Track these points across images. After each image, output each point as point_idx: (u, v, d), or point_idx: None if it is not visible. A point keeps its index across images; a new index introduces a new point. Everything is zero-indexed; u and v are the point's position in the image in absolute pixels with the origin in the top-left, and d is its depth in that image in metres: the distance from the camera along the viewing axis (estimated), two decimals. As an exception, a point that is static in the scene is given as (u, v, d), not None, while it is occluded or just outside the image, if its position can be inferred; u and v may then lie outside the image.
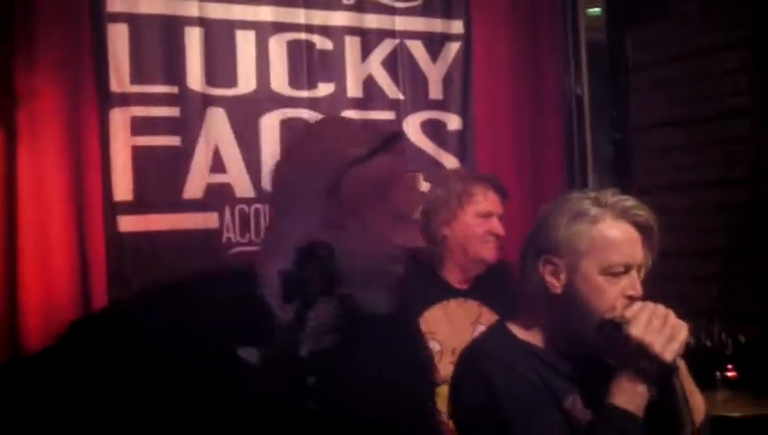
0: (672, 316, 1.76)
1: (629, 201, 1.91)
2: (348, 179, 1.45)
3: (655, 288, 1.93)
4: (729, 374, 3.09)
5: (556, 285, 1.89)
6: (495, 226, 3.04)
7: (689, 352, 2.08)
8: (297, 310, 1.36)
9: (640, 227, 1.90)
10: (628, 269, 1.87)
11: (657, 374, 1.75)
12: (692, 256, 3.83)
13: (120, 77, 3.39)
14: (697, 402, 1.90)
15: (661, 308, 1.77)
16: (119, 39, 3.38)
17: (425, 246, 1.67)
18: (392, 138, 1.52)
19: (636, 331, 1.74)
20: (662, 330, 1.73)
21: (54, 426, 1.46)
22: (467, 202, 2.98)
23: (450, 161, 3.99)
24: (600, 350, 1.89)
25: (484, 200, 3.02)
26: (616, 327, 1.77)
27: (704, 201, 3.90)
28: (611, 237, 1.87)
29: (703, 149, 3.95)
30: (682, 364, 1.80)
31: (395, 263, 1.52)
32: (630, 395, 1.76)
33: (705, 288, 3.69)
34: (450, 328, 2.93)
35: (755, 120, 3.75)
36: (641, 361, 1.74)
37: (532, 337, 1.94)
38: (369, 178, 1.47)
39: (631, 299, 1.85)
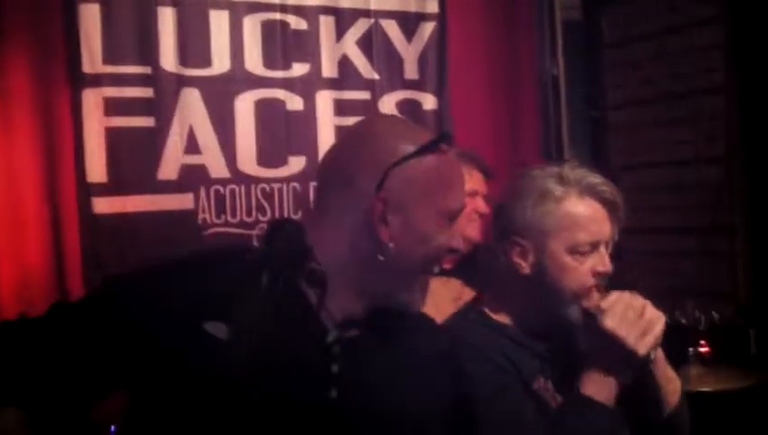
0: (649, 308, 1.75)
1: (594, 177, 1.88)
2: (394, 176, 1.47)
3: (630, 265, 1.93)
4: (702, 350, 3.12)
5: (524, 265, 1.88)
6: (480, 205, 3.04)
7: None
8: (269, 282, 1.38)
9: (606, 203, 1.88)
10: (595, 246, 1.86)
11: (631, 366, 1.75)
12: (667, 234, 3.86)
13: (92, 57, 3.36)
14: (673, 387, 1.90)
15: (638, 300, 1.76)
16: (90, 19, 3.34)
17: (462, 248, 1.60)
18: (441, 139, 1.52)
19: (610, 322, 1.73)
20: (637, 322, 1.72)
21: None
22: None
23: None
24: (571, 332, 1.90)
25: (469, 180, 3.00)
26: (590, 317, 1.76)
27: (679, 179, 3.92)
28: (578, 216, 1.85)
29: (677, 127, 3.96)
30: (659, 352, 1.80)
31: (433, 263, 1.55)
32: (601, 386, 1.75)
33: (680, 265, 3.72)
34: (432, 306, 2.93)
35: (729, 97, 3.76)
36: (614, 352, 1.73)
37: (504, 317, 1.94)
38: (416, 176, 1.48)
39: (600, 275, 1.85)
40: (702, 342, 3.14)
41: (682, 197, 3.86)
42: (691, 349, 3.07)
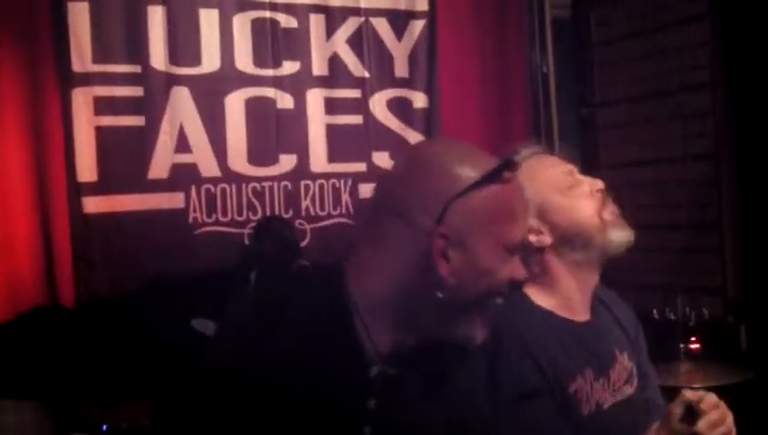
0: (734, 432, 1.77)
1: (527, 146, 1.98)
2: (455, 208, 1.37)
3: (620, 261, 1.95)
4: (692, 347, 3.13)
5: (544, 237, 1.90)
6: None
7: (653, 325, 2.12)
8: (256, 280, 1.35)
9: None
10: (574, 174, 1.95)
11: None
12: (657, 230, 3.87)
13: (81, 56, 3.36)
14: None
15: (730, 419, 1.77)
16: (79, 17, 3.35)
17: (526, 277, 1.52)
18: (504, 167, 1.41)
19: (702, 426, 1.75)
20: None
21: None
22: None
23: (416, 139, 4.00)
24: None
25: None
26: (691, 411, 1.78)
27: (668, 176, 3.93)
28: (542, 166, 1.94)
29: (666, 124, 3.97)
30: None
31: (494, 296, 1.46)
32: None
33: (670, 262, 3.73)
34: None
35: (716, 94, 3.78)
36: None
37: (546, 300, 1.95)
38: (478, 208, 1.38)
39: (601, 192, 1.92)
40: (692, 338, 3.15)
41: (671, 193, 3.87)
42: (681, 345, 3.08)
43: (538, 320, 1.91)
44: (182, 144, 3.54)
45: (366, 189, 3.79)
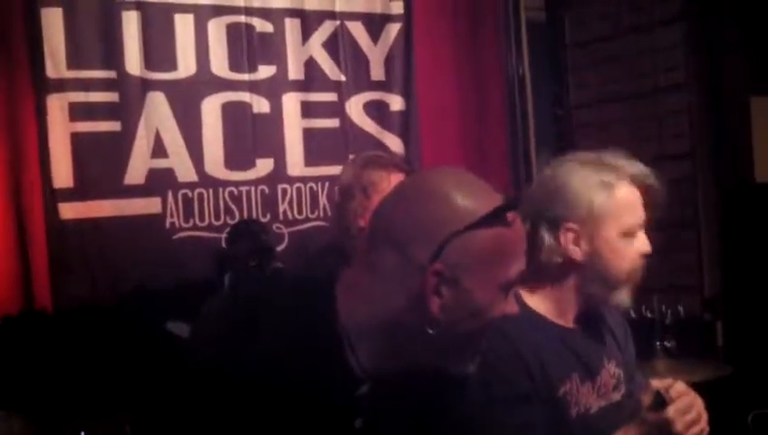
0: (705, 417, 1.77)
1: (635, 165, 1.94)
2: (452, 246, 1.34)
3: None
4: (668, 344, 3.16)
5: (578, 251, 1.91)
6: None
7: (630, 324, 2.14)
8: (230, 283, 1.35)
9: (644, 188, 1.93)
10: (640, 229, 1.92)
11: None
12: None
13: (55, 62, 3.34)
14: None
15: (700, 403, 1.77)
16: (53, 23, 3.33)
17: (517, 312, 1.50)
18: (507, 207, 1.38)
19: (672, 413, 1.74)
20: (693, 427, 1.74)
21: None
22: (373, 192, 2.82)
23: (394, 142, 4.01)
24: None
25: (389, 186, 2.88)
26: (660, 399, 1.78)
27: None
28: (629, 203, 1.90)
29: (641, 125, 4.00)
30: None
31: (484, 332, 1.44)
32: None
33: (648, 261, 3.74)
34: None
35: (691, 93, 3.81)
36: (660, 434, 1.76)
37: (540, 305, 1.96)
38: (475, 248, 1.35)
39: (645, 255, 1.90)
40: (668, 335, 3.18)
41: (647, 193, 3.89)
42: (658, 343, 3.10)
43: (530, 323, 1.91)
44: (158, 149, 3.52)
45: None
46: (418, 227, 1.37)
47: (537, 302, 1.96)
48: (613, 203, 1.89)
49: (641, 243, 1.92)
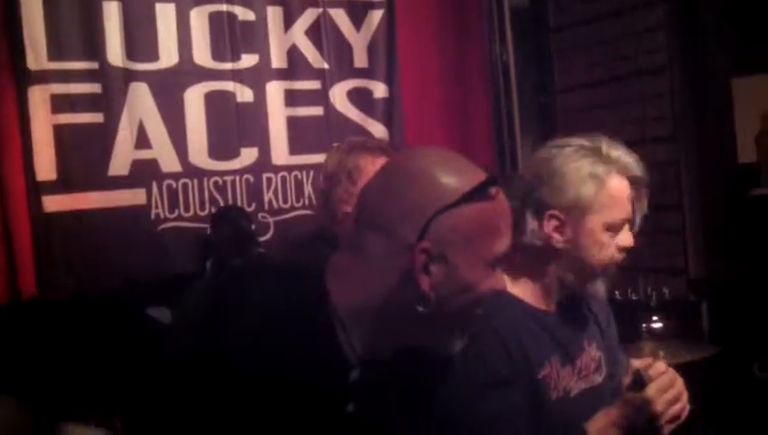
0: (685, 395, 1.77)
1: (629, 157, 1.91)
2: (438, 224, 1.35)
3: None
4: (654, 326, 3.18)
5: (560, 239, 1.90)
6: None
7: (616, 306, 2.15)
8: (212, 268, 1.35)
9: (634, 182, 1.92)
10: (625, 223, 1.91)
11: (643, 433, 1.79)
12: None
13: (36, 54, 3.32)
14: None
15: (680, 382, 1.78)
16: (33, 14, 3.31)
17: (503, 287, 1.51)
18: (488, 183, 1.39)
19: (652, 392, 1.75)
20: (673, 405, 1.75)
21: None
22: (359, 177, 2.80)
23: (377, 129, 4.01)
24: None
25: (374, 171, 2.85)
26: (639, 380, 1.78)
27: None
28: (618, 195, 1.89)
29: (625, 108, 4.01)
30: None
31: (474, 308, 1.45)
32: (606, 432, 1.78)
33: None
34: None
35: (673, 76, 3.82)
36: (639, 417, 1.76)
37: (521, 290, 1.96)
38: (461, 224, 1.37)
39: (625, 250, 1.90)
40: (654, 318, 3.19)
41: (631, 176, 3.91)
42: (644, 325, 3.12)
43: (509, 307, 1.91)
44: (142, 140, 3.51)
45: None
46: (403, 207, 1.38)
47: (517, 286, 1.96)
48: (602, 197, 1.87)
49: (623, 237, 1.90)
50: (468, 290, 1.40)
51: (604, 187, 1.87)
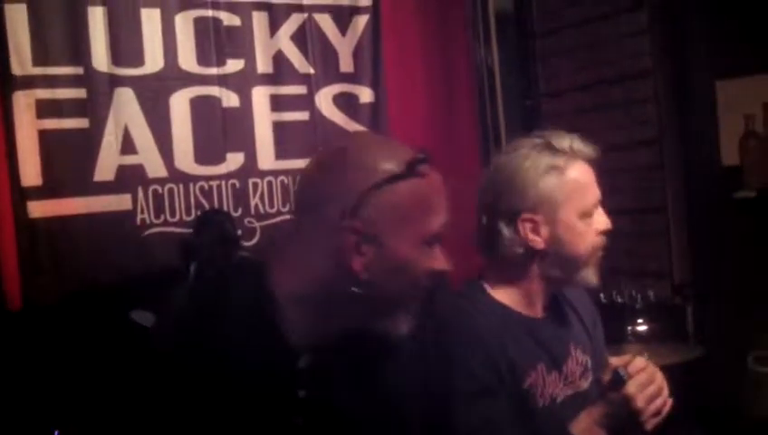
0: (666, 390, 1.80)
1: (578, 141, 1.93)
2: (368, 203, 1.36)
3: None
4: (639, 329, 3.20)
5: (539, 240, 1.90)
6: None
7: (601, 309, 2.16)
8: (195, 272, 1.36)
9: (592, 163, 1.93)
10: (596, 206, 1.92)
11: (627, 431, 1.80)
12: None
13: (21, 59, 3.31)
14: None
15: (660, 376, 1.80)
16: (18, 19, 3.29)
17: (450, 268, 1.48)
18: (419, 161, 1.39)
19: (632, 389, 1.76)
20: (655, 400, 1.77)
21: None
22: None
23: (363, 134, 4.01)
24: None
25: None
26: (619, 378, 1.79)
27: (613, 162, 3.98)
28: (582, 180, 1.90)
29: (610, 112, 4.03)
30: None
31: (416, 289, 1.45)
32: (590, 432, 1.80)
33: (617, 246, 3.78)
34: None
35: (658, 80, 3.84)
36: (622, 415, 1.77)
37: (506, 297, 1.96)
38: (391, 202, 1.37)
39: (605, 233, 1.91)
40: (639, 320, 3.21)
41: (617, 179, 3.92)
42: (629, 327, 3.14)
43: (494, 315, 1.92)
44: (127, 145, 3.50)
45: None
46: (334, 188, 1.39)
47: (502, 293, 1.96)
48: (566, 186, 1.88)
49: (600, 220, 1.92)
50: (405, 270, 1.40)
51: (565, 176, 1.89)
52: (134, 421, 1.38)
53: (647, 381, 1.77)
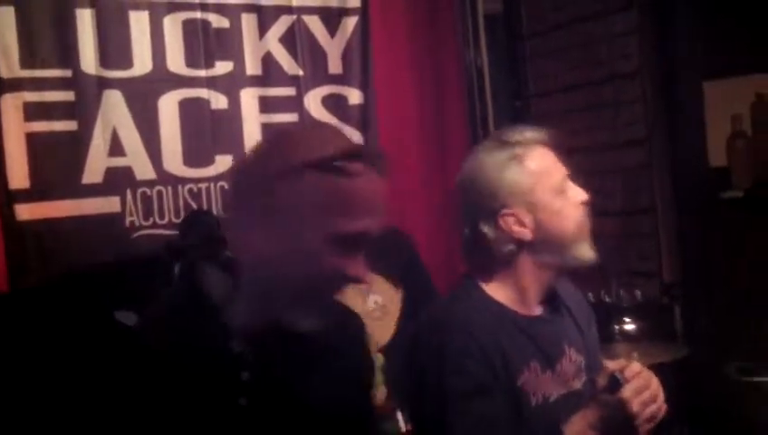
0: (661, 395, 1.80)
1: (531, 130, 1.97)
2: (282, 187, 1.35)
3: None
4: (626, 328, 3.21)
5: (525, 231, 1.92)
6: None
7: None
8: (179, 273, 1.37)
9: (547, 144, 1.97)
10: (567, 180, 1.95)
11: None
12: (592, 216, 3.93)
13: (9, 62, 3.30)
14: None
15: (655, 381, 1.80)
16: (5, 22, 3.29)
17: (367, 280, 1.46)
18: (344, 154, 1.36)
19: (628, 394, 1.76)
20: (649, 406, 1.77)
21: None
22: None
23: (353, 136, 4.00)
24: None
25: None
26: (615, 382, 1.79)
27: (602, 163, 3.99)
28: (544, 160, 1.93)
29: (598, 113, 4.04)
30: None
31: (328, 285, 1.44)
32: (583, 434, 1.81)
33: (605, 246, 3.79)
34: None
35: (645, 81, 3.85)
36: (616, 419, 1.77)
37: (500, 294, 1.97)
38: (304, 191, 1.35)
39: (585, 204, 1.94)
40: (626, 319, 3.22)
41: (606, 180, 3.93)
42: (616, 326, 3.15)
43: (489, 313, 1.93)
44: (116, 148, 3.50)
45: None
46: (255, 168, 1.41)
47: (495, 290, 1.97)
48: (531, 170, 1.91)
49: (576, 192, 1.95)
50: (305, 261, 1.38)
51: (526, 161, 1.92)
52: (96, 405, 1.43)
53: (643, 387, 1.78)
